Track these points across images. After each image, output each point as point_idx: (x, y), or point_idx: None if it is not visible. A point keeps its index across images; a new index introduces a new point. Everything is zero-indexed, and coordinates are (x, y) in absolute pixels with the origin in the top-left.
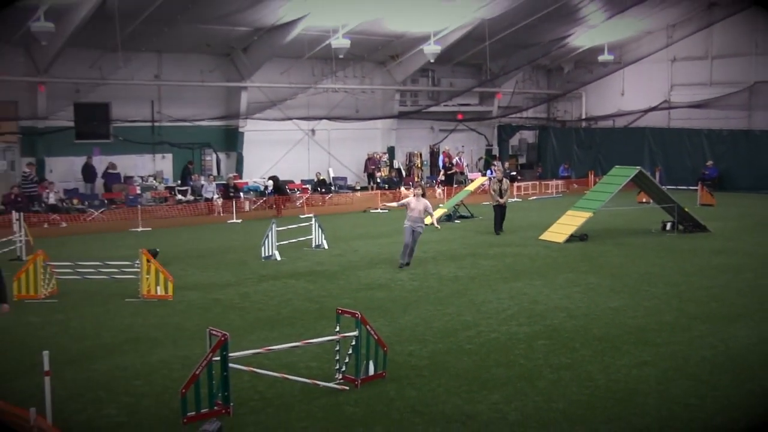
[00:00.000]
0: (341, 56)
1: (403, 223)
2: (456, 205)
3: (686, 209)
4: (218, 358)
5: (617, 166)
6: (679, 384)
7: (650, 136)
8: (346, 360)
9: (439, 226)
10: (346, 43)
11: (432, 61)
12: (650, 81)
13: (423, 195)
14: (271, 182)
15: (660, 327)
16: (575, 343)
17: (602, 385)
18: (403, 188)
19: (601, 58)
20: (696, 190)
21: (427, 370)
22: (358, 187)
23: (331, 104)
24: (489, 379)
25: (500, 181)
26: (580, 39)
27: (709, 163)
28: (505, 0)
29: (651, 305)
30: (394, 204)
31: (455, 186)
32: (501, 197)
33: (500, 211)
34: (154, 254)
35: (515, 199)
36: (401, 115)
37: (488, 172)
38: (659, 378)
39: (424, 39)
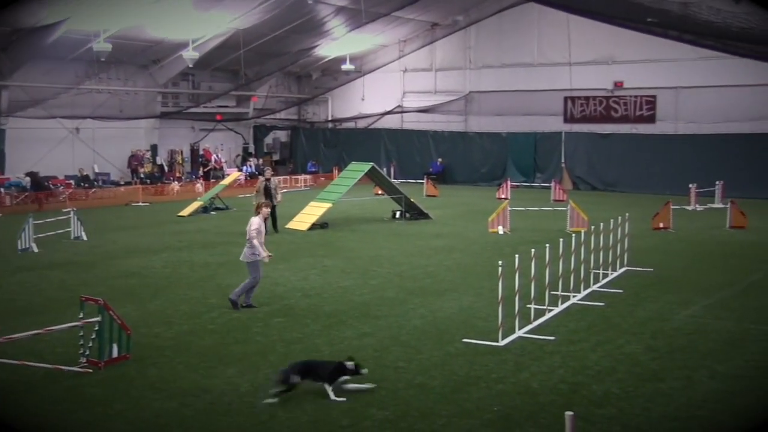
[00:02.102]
0: (103, 59)
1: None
2: (212, 198)
3: (412, 200)
4: None
5: (353, 162)
6: (392, 350)
7: (386, 136)
8: (90, 344)
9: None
10: (107, 46)
11: (191, 66)
12: (386, 88)
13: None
14: (28, 178)
15: (381, 302)
16: (307, 319)
17: (327, 355)
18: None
19: (344, 67)
20: (423, 182)
21: (170, 350)
22: (122, 182)
23: (95, 104)
24: (227, 355)
25: (268, 180)
26: (326, 50)
27: (440, 160)
28: (258, 12)
29: (376, 283)
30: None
31: (212, 180)
32: (273, 198)
33: (271, 211)
34: None
35: None
36: (163, 116)
37: (244, 168)
38: (376, 346)
39: (184, 45)
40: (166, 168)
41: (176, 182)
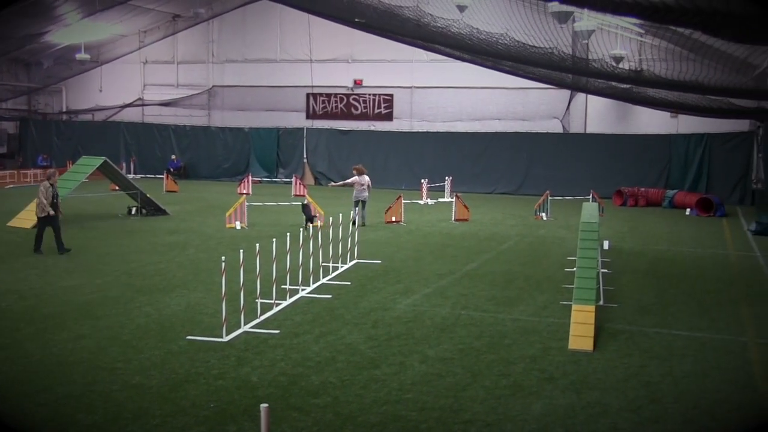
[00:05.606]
0: None
1: None
2: None
3: (149, 195)
4: None
5: (84, 157)
6: (110, 351)
7: (126, 129)
8: None
9: None
10: None
11: None
12: (126, 80)
13: None
14: None
15: (105, 301)
16: (20, 323)
17: (36, 361)
18: None
19: (78, 56)
20: (163, 178)
21: None
22: None
23: None
24: None
25: (53, 185)
26: (58, 36)
27: (173, 156)
28: None
29: (102, 282)
30: None
31: None
32: (57, 208)
33: (55, 224)
34: None
35: None
36: None
37: None
38: (92, 348)
39: None
40: None
41: None
